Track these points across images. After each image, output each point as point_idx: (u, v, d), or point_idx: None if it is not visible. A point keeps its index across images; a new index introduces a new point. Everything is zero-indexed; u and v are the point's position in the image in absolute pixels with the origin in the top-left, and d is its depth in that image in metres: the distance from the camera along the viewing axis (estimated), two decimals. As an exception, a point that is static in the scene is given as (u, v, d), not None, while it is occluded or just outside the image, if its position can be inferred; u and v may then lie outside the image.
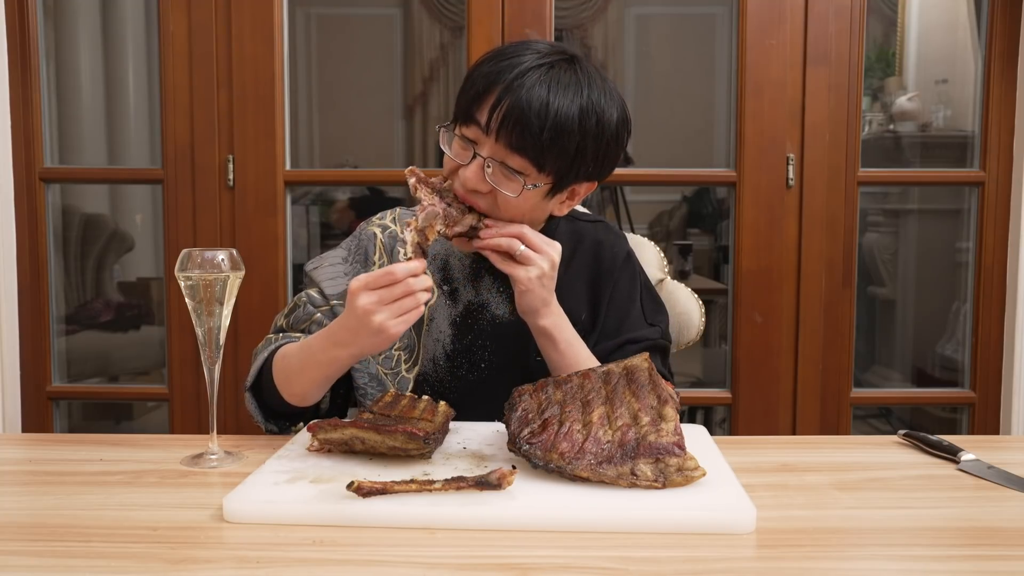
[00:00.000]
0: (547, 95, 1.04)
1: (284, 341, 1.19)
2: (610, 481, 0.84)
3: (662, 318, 1.30)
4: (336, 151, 4.74)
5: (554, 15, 2.09)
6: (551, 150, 1.06)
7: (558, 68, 1.07)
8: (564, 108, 1.05)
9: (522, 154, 1.06)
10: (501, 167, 1.08)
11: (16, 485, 0.95)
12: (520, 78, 1.05)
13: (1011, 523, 0.81)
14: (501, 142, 1.06)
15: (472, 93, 1.09)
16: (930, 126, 3.03)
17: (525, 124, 1.04)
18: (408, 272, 0.98)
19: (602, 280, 1.27)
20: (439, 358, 1.24)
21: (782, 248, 2.09)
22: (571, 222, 1.32)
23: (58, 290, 2.35)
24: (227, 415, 2.14)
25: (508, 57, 1.08)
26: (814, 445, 1.15)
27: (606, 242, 1.30)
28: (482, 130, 1.07)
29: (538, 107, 1.04)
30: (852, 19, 2.06)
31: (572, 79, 1.07)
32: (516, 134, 1.05)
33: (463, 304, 1.25)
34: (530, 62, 1.07)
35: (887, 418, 2.92)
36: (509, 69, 1.06)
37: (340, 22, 4.74)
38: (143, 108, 3.54)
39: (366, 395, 1.22)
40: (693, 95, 4.62)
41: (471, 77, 1.11)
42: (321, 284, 1.25)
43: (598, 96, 1.08)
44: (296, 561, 0.71)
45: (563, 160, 1.08)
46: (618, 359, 1.20)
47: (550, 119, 1.04)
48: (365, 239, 1.29)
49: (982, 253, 2.14)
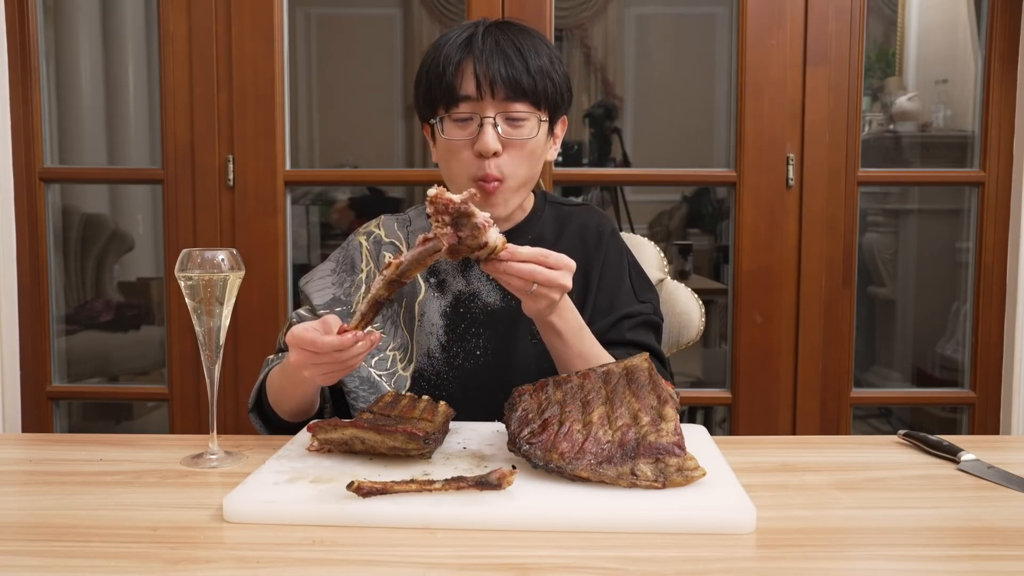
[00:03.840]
0: (513, 45, 1.17)
1: (276, 363, 1.22)
2: (610, 481, 0.84)
3: (652, 295, 1.31)
4: (336, 151, 4.74)
5: (554, 15, 2.09)
6: (540, 83, 1.18)
7: (497, 28, 1.20)
8: (533, 49, 1.18)
9: (521, 98, 1.17)
10: (507, 120, 1.17)
11: (16, 485, 0.95)
12: (479, 44, 1.17)
13: (1011, 523, 0.81)
14: (499, 96, 1.16)
15: (445, 79, 1.17)
16: (930, 126, 3.03)
17: (512, 70, 1.16)
18: (331, 347, 0.95)
19: (590, 259, 1.28)
20: (434, 351, 1.25)
21: (782, 248, 2.09)
22: (556, 207, 1.34)
23: (58, 290, 2.35)
24: (227, 415, 2.14)
25: (447, 42, 1.19)
26: (814, 445, 1.15)
27: (590, 223, 1.32)
28: (475, 99, 1.16)
29: (512, 54, 1.16)
30: (852, 19, 2.06)
31: (516, 31, 1.21)
32: (510, 84, 1.16)
33: (452, 294, 1.26)
34: (471, 31, 1.19)
35: (887, 418, 2.92)
36: (461, 46, 1.18)
37: (340, 22, 4.74)
38: (143, 108, 3.54)
39: (358, 398, 1.23)
40: (693, 95, 4.62)
41: (430, 72, 1.20)
42: (311, 296, 1.29)
43: (542, 39, 1.23)
44: (296, 561, 0.71)
45: (552, 95, 1.20)
46: (613, 336, 1.21)
47: (528, 58, 1.17)
48: (352, 249, 1.33)
49: (982, 253, 2.14)
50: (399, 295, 1.28)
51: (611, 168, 3.63)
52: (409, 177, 3.85)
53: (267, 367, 1.24)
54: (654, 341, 1.27)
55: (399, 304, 1.28)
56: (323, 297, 1.28)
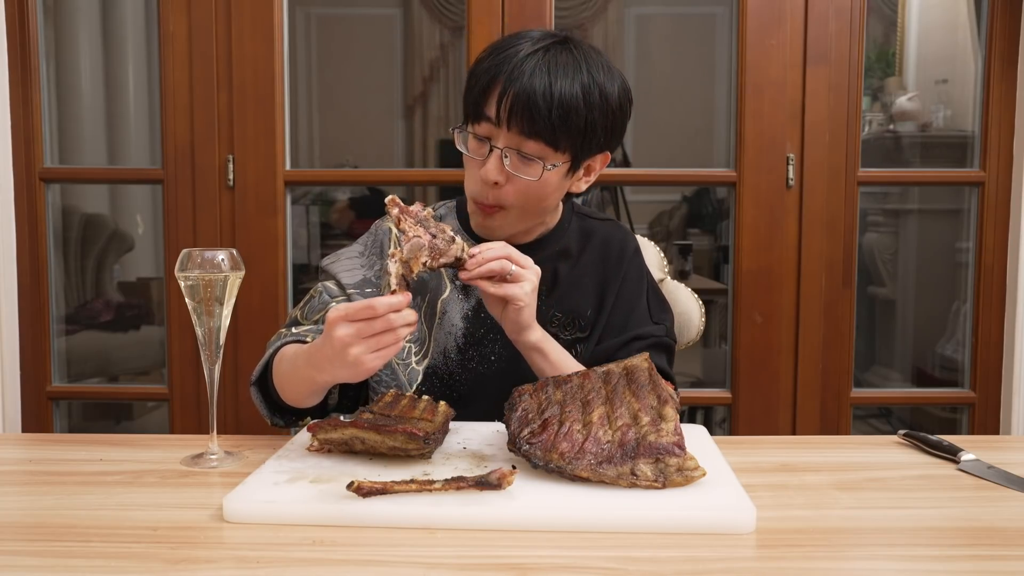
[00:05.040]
0: (548, 78, 1.08)
1: (290, 339, 1.18)
2: (610, 481, 0.84)
3: (667, 317, 1.31)
4: (336, 151, 4.75)
5: (554, 15, 2.09)
6: (562, 129, 1.10)
7: (554, 51, 1.11)
8: (567, 87, 1.09)
9: (535, 138, 1.10)
10: (518, 155, 1.12)
11: (16, 485, 0.95)
12: (520, 66, 1.09)
13: (1011, 523, 0.81)
14: (514, 130, 1.10)
15: (477, 90, 1.13)
16: (930, 126, 3.03)
17: (533, 109, 1.08)
18: (389, 307, 0.93)
19: (610, 275, 1.28)
20: (450, 351, 1.24)
21: (782, 248, 2.09)
22: (582, 220, 1.33)
23: (58, 290, 2.35)
24: (227, 415, 2.14)
25: (505, 49, 1.13)
26: (814, 445, 1.15)
27: (615, 239, 1.31)
28: (493, 123, 1.11)
29: (542, 90, 1.08)
30: (852, 19, 2.06)
31: (569, 59, 1.11)
32: (526, 120, 1.09)
33: (476, 298, 1.26)
34: (526, 49, 1.11)
35: (887, 418, 2.92)
36: (508, 60, 1.11)
37: (340, 22, 4.74)
38: (143, 108, 3.53)
39: (380, 382, 1.22)
40: (693, 95, 4.62)
41: (473, 74, 1.15)
42: (338, 275, 1.26)
43: (596, 71, 1.12)
44: (296, 561, 0.71)
45: (575, 137, 1.12)
46: (623, 356, 1.20)
47: (555, 100, 1.08)
48: (381, 234, 1.30)
49: (982, 253, 2.14)
50: (423, 289, 1.26)
51: (611, 168, 3.62)
52: (409, 177, 3.86)
53: (278, 340, 1.19)
54: (665, 363, 1.26)
55: (421, 298, 1.26)
56: (352, 277, 1.24)
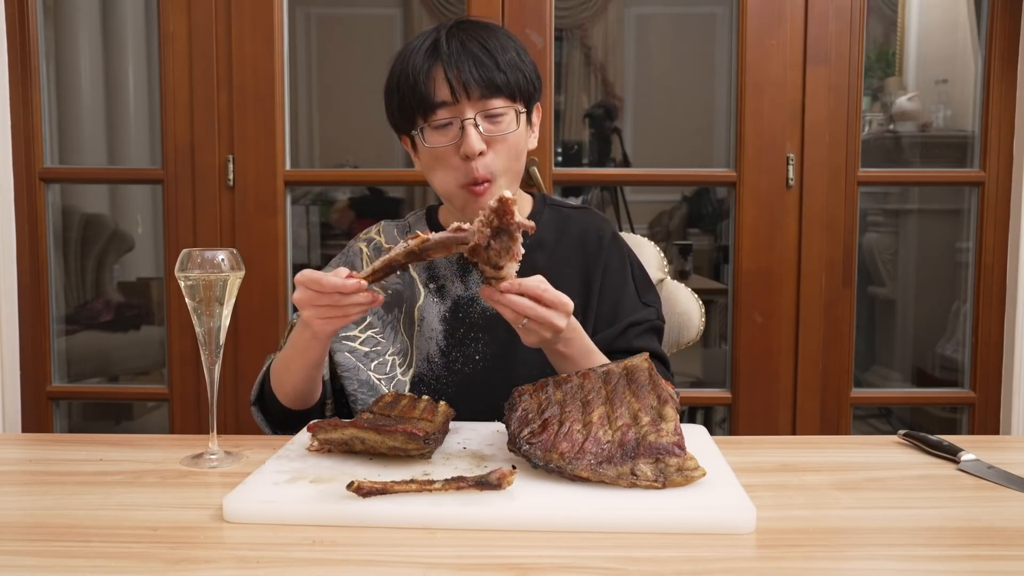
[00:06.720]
0: (476, 42, 1.17)
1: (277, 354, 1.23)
2: (610, 481, 0.84)
3: (653, 296, 1.31)
4: (336, 151, 4.74)
5: (554, 15, 2.09)
6: (512, 77, 1.18)
7: (457, 27, 1.20)
8: (495, 43, 1.18)
9: (497, 94, 1.17)
10: (486, 117, 1.17)
11: (16, 485, 0.95)
12: (445, 47, 1.16)
13: (1011, 523, 0.81)
14: (475, 96, 1.16)
15: (417, 90, 1.17)
16: (930, 126, 3.03)
17: (483, 68, 1.16)
18: (334, 288, 0.96)
19: (591, 264, 1.28)
20: (433, 355, 1.25)
21: (782, 248, 2.09)
22: (556, 210, 1.33)
23: (58, 290, 2.35)
24: (227, 415, 2.14)
25: (413, 50, 1.19)
26: (814, 445, 1.15)
27: (591, 226, 1.31)
28: (451, 102, 1.16)
29: (480, 53, 1.16)
30: (852, 19, 2.06)
31: (475, 26, 1.21)
32: (484, 82, 1.16)
33: (451, 299, 1.26)
34: (434, 36, 1.19)
35: (887, 418, 2.92)
36: (427, 50, 1.17)
37: (340, 22, 4.74)
38: (143, 108, 3.53)
39: (356, 400, 1.23)
40: (693, 95, 4.62)
41: (401, 84, 1.19)
42: None
43: (497, 27, 1.23)
44: (296, 561, 0.71)
45: (523, 82, 1.20)
46: (621, 344, 1.20)
47: (496, 54, 1.17)
48: (352, 255, 1.33)
49: (982, 253, 2.14)
50: (398, 300, 1.28)
51: (611, 168, 3.63)
52: (409, 177, 3.85)
53: (270, 360, 1.25)
54: (659, 346, 1.27)
55: (399, 309, 1.28)
56: None
